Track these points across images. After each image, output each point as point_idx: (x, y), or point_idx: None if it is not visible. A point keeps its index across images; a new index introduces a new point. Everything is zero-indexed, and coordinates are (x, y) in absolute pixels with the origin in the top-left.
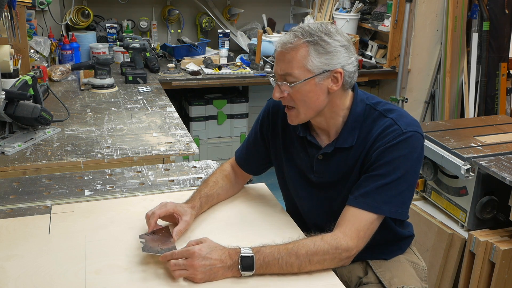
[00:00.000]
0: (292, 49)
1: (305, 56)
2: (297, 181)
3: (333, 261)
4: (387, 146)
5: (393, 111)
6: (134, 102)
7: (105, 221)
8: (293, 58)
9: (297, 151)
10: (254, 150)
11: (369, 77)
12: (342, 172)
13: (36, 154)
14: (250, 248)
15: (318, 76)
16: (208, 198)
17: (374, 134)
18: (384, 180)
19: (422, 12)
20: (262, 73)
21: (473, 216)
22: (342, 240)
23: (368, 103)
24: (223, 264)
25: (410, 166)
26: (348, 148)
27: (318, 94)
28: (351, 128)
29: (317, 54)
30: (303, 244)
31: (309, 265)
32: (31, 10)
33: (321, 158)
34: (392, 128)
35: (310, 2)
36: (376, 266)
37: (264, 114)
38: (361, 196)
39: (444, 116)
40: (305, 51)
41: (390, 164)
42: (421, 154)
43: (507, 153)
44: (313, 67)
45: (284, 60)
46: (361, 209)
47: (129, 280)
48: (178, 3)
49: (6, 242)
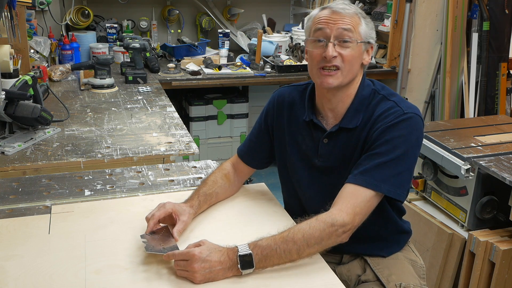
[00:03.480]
0: (351, 14)
1: (359, 23)
2: (301, 167)
3: (330, 239)
4: (387, 125)
5: (395, 95)
6: (134, 102)
7: (105, 221)
8: (352, 20)
9: (303, 137)
10: (258, 143)
11: (369, 77)
12: (346, 154)
13: (36, 154)
14: (247, 245)
15: (365, 44)
16: (206, 197)
17: (376, 115)
18: (383, 159)
19: (422, 12)
20: (262, 73)
21: (473, 216)
22: (337, 216)
23: (374, 88)
24: (222, 266)
25: (409, 147)
26: (352, 130)
27: (359, 61)
28: (356, 110)
29: (366, 25)
30: (299, 229)
31: (307, 248)
32: (31, 10)
33: (326, 141)
34: (394, 109)
35: (310, 2)
36: (374, 263)
37: (269, 105)
38: (360, 173)
39: (444, 116)
40: (358, 19)
41: (389, 142)
42: (420, 138)
43: (507, 153)
44: (364, 34)
45: (343, 20)
46: (358, 186)
47: (129, 280)
48: (178, 3)
49: (6, 242)
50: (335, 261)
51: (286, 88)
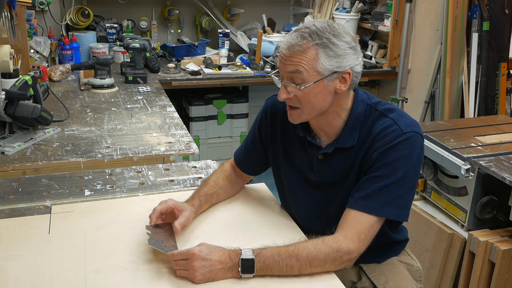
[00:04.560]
0: (301, 52)
1: (315, 58)
2: (295, 182)
3: (333, 264)
4: (387, 147)
5: (393, 111)
6: (134, 102)
7: (105, 221)
8: (301, 59)
9: (297, 151)
10: (252, 151)
11: (369, 77)
12: (342, 172)
13: (36, 154)
14: (251, 250)
15: (327, 78)
16: (207, 198)
17: (374, 133)
18: (384, 182)
19: (422, 12)
20: (262, 73)
21: (473, 216)
22: (343, 243)
23: (369, 103)
24: (223, 266)
25: (410, 168)
26: (348, 148)
27: (325, 95)
28: (351, 128)
29: (327, 57)
30: (304, 247)
31: (309, 267)
32: (31, 10)
33: (321, 158)
34: (392, 128)
35: (310, 2)
36: (369, 270)
37: (262, 115)
38: (361, 198)
39: (444, 116)
40: (314, 54)
41: (390, 165)
42: (421, 155)
43: (507, 153)
44: (322, 69)
45: (292, 61)
46: (362, 212)
47: (129, 280)
48: (178, 3)
49: (6, 242)
50: None
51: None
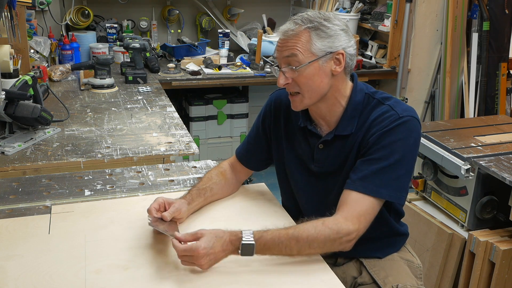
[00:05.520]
0: (294, 35)
1: (308, 40)
2: (297, 171)
3: (333, 245)
4: (384, 131)
5: (390, 99)
6: (134, 102)
7: (105, 221)
8: (296, 43)
9: (299, 141)
10: (255, 145)
11: (369, 77)
12: (341, 159)
13: (36, 154)
14: (252, 234)
15: (321, 59)
16: (199, 191)
17: (371, 119)
18: (382, 164)
19: (422, 12)
20: (262, 73)
21: (473, 216)
22: (343, 224)
23: (367, 92)
24: (225, 252)
25: (407, 151)
26: (347, 136)
27: (322, 77)
28: (350, 116)
29: (319, 38)
30: (304, 229)
31: (308, 249)
32: (31, 10)
33: (321, 147)
34: (389, 113)
35: (310, 2)
36: (370, 265)
37: (266, 108)
38: (359, 179)
39: (444, 116)
40: (307, 36)
41: (387, 148)
42: (418, 140)
43: (507, 153)
44: (316, 50)
45: (287, 46)
46: (361, 193)
47: (129, 280)
48: (178, 3)
49: (6, 242)
50: (330, 263)
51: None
